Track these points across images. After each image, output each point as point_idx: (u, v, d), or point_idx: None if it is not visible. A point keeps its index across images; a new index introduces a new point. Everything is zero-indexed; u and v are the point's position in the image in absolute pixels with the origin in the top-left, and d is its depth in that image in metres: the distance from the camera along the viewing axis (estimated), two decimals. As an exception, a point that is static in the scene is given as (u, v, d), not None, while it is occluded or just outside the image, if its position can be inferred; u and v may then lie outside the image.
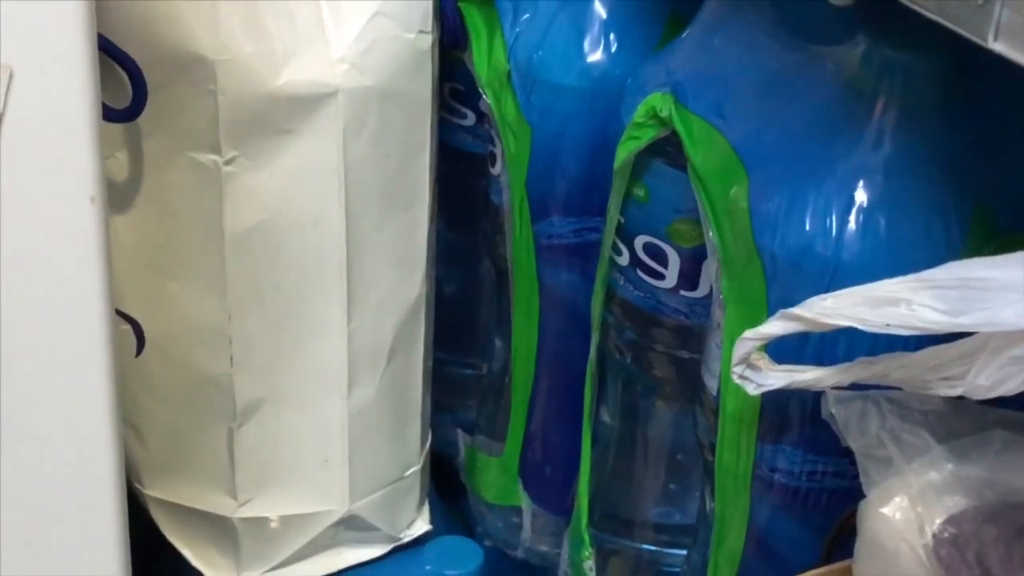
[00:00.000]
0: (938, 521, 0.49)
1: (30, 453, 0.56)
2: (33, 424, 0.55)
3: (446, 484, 0.94)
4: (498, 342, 0.87)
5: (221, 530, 0.82)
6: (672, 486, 0.79)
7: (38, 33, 0.49)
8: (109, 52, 0.69)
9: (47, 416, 0.56)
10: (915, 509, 0.49)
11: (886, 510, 0.50)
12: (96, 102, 0.52)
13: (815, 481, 0.61)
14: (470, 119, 0.85)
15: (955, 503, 0.49)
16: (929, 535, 0.49)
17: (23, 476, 0.56)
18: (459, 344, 0.94)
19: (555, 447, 0.83)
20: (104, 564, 0.59)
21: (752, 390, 0.56)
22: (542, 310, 0.80)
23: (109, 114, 0.70)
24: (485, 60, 0.77)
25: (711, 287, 0.65)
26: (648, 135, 0.66)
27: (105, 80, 0.69)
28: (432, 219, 0.82)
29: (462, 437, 0.92)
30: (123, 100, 0.71)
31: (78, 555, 0.59)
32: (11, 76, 0.49)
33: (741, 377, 0.56)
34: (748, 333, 0.54)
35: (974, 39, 0.43)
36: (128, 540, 0.60)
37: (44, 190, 0.52)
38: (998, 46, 0.42)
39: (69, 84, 0.51)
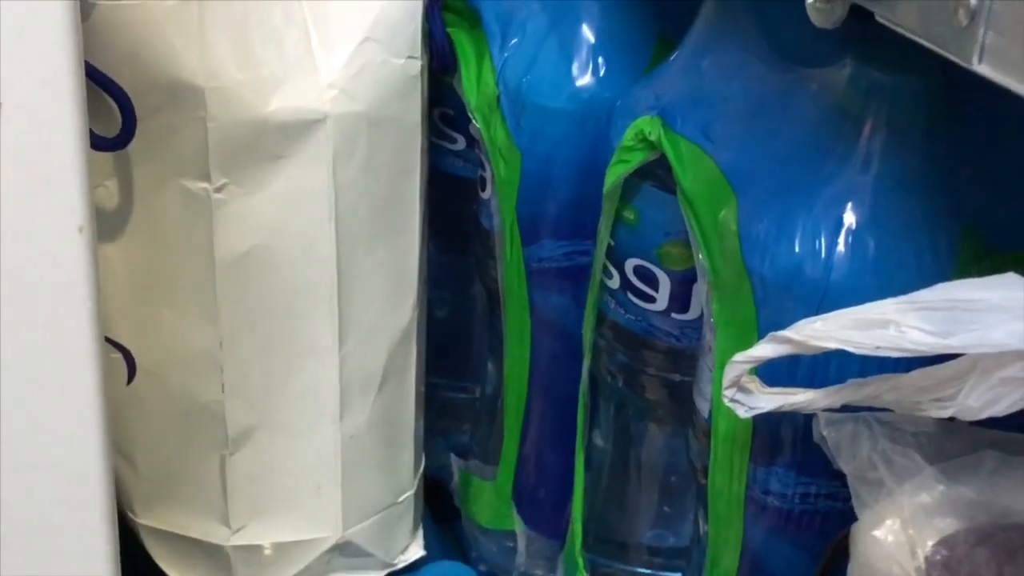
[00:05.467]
0: (930, 543, 0.49)
1: (19, 483, 0.56)
2: (23, 454, 0.55)
3: (440, 508, 0.94)
4: (490, 366, 0.87)
5: (214, 558, 0.81)
6: (666, 508, 0.78)
7: (24, 64, 0.49)
8: (98, 81, 0.69)
9: (37, 446, 0.55)
10: (907, 532, 0.49)
11: (878, 533, 0.50)
12: (83, 132, 0.52)
13: (808, 503, 0.61)
14: (460, 143, 0.85)
15: (947, 525, 0.49)
16: (921, 558, 0.48)
17: (12, 506, 0.56)
18: (452, 368, 0.94)
19: (548, 471, 0.83)
20: (96, 594, 0.59)
21: (743, 413, 0.56)
22: (534, 334, 0.80)
23: (98, 143, 0.70)
24: (474, 85, 0.77)
25: (702, 310, 0.65)
26: (637, 158, 0.66)
27: (94, 109, 0.69)
28: (423, 243, 0.82)
29: (455, 461, 0.92)
30: (112, 129, 0.71)
31: (70, 585, 0.59)
32: (-2, 107, 0.49)
33: (732, 400, 0.56)
34: (738, 356, 0.54)
35: (959, 61, 0.43)
36: (120, 569, 0.60)
37: (32, 220, 0.52)
38: (983, 68, 0.42)
39: (56, 114, 0.51)
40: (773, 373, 0.56)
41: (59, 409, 0.55)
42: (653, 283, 0.69)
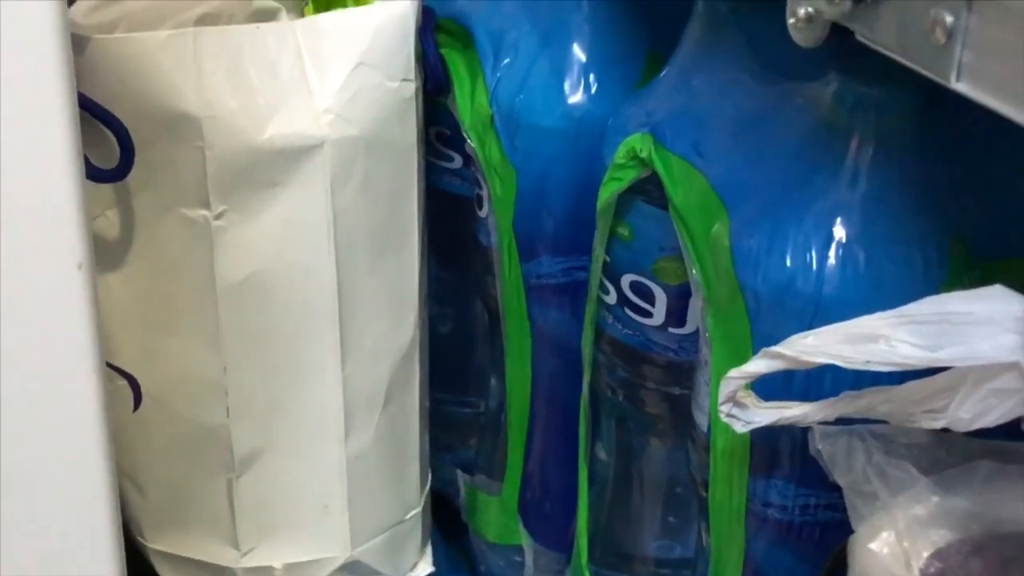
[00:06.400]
0: (925, 555, 0.49)
1: (25, 512, 0.56)
2: (27, 484, 0.56)
3: (448, 523, 0.95)
4: (493, 381, 0.88)
5: (225, 581, 0.82)
6: (671, 519, 0.79)
7: (18, 103, 0.50)
8: (95, 113, 0.69)
9: (41, 477, 0.56)
10: (902, 544, 0.50)
11: (873, 546, 0.50)
12: (79, 169, 0.52)
13: (808, 515, 0.62)
14: (457, 162, 0.86)
15: (941, 536, 0.49)
16: (916, 570, 0.49)
17: (18, 535, 0.56)
18: (456, 383, 0.95)
19: (554, 485, 0.84)
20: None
21: (739, 428, 0.56)
22: (534, 349, 0.81)
23: (98, 174, 0.71)
24: (468, 105, 0.78)
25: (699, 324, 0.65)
26: (629, 176, 0.67)
27: (93, 141, 0.70)
28: (423, 263, 0.82)
29: (461, 477, 0.92)
30: (111, 160, 0.71)
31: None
32: (-7, 148, 0.50)
33: (728, 415, 0.56)
34: (733, 372, 0.54)
35: (937, 79, 0.43)
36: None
37: (31, 258, 0.52)
38: (960, 86, 0.43)
39: (51, 152, 0.51)
40: (768, 387, 0.56)
41: (62, 441, 0.55)
42: (650, 298, 0.70)
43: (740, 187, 0.61)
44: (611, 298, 0.72)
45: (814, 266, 0.58)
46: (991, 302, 0.48)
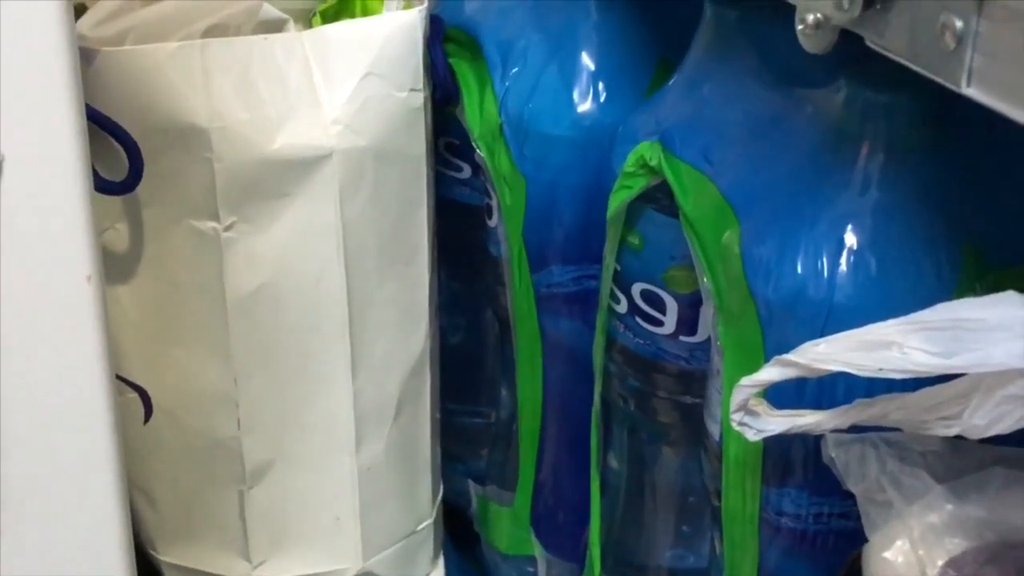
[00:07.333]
0: (940, 564, 0.49)
1: (36, 527, 0.56)
2: (39, 499, 0.56)
3: (460, 534, 0.94)
4: (504, 391, 0.88)
5: (237, 593, 0.82)
6: (684, 528, 0.78)
7: (26, 116, 0.50)
8: (103, 126, 0.69)
9: (53, 492, 0.56)
10: (916, 552, 0.49)
11: (888, 554, 0.50)
12: (87, 182, 0.52)
13: (822, 523, 0.61)
14: (466, 172, 0.86)
15: (955, 545, 0.49)
16: (931, 579, 0.49)
17: (30, 551, 0.56)
18: (467, 393, 0.94)
19: (566, 495, 0.83)
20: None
21: (752, 436, 0.56)
22: (545, 359, 0.80)
23: (107, 187, 0.71)
24: (477, 114, 0.78)
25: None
26: (639, 184, 0.67)
27: (102, 153, 0.70)
28: (433, 273, 0.82)
29: (473, 487, 0.92)
30: (120, 172, 0.71)
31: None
32: (1, 161, 0.50)
33: (740, 424, 0.56)
34: (744, 380, 0.54)
35: (947, 84, 0.43)
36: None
37: (40, 271, 0.52)
38: (971, 91, 0.42)
39: (59, 166, 0.51)
40: (781, 395, 0.56)
41: (72, 454, 0.56)
42: (660, 307, 0.69)
43: (750, 194, 0.61)
44: (622, 307, 0.71)
45: (826, 273, 0.57)
46: (1004, 308, 0.47)
